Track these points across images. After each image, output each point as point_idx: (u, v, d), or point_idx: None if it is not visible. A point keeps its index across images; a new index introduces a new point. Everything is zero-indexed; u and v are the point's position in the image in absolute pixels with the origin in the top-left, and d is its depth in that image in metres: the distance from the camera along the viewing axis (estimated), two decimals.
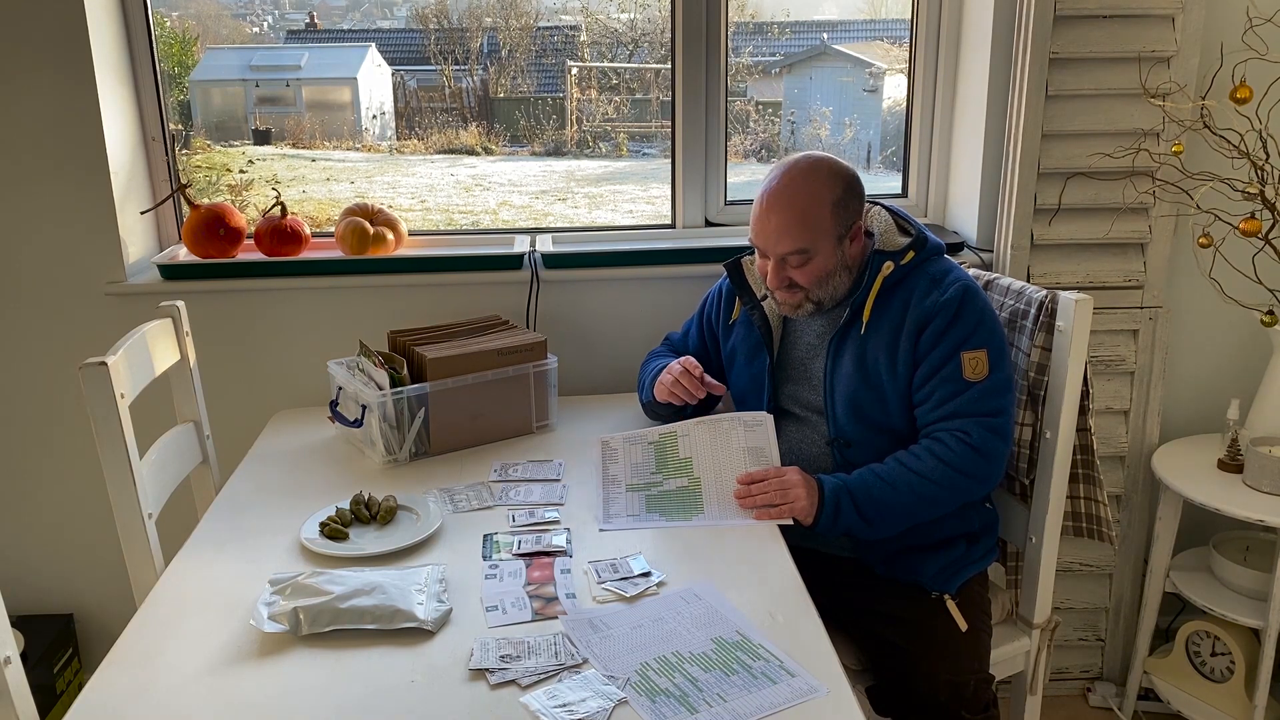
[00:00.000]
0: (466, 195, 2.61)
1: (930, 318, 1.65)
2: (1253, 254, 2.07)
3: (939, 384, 1.64)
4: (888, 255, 1.70)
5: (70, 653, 2.33)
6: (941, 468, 1.61)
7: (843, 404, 1.72)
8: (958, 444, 1.61)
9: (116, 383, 1.55)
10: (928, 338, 1.65)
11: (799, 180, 1.66)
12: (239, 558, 1.52)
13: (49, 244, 2.14)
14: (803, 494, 1.59)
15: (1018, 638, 1.84)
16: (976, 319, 1.65)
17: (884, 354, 1.68)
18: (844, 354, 1.72)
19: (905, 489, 1.61)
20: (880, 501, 1.61)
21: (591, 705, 1.17)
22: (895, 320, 1.68)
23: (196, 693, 1.21)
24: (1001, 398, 1.65)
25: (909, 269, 1.69)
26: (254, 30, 2.64)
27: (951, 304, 1.64)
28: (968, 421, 1.62)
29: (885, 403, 1.69)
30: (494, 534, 1.58)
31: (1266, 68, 2.01)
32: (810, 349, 1.79)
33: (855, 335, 1.71)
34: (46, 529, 2.33)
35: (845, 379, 1.71)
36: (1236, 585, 2.11)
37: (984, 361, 1.63)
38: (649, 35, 2.56)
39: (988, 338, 1.65)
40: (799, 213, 1.64)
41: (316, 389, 2.23)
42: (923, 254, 1.70)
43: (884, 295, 1.69)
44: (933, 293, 1.66)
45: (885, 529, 1.63)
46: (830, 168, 1.67)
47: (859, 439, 1.71)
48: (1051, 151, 2.10)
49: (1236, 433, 2.12)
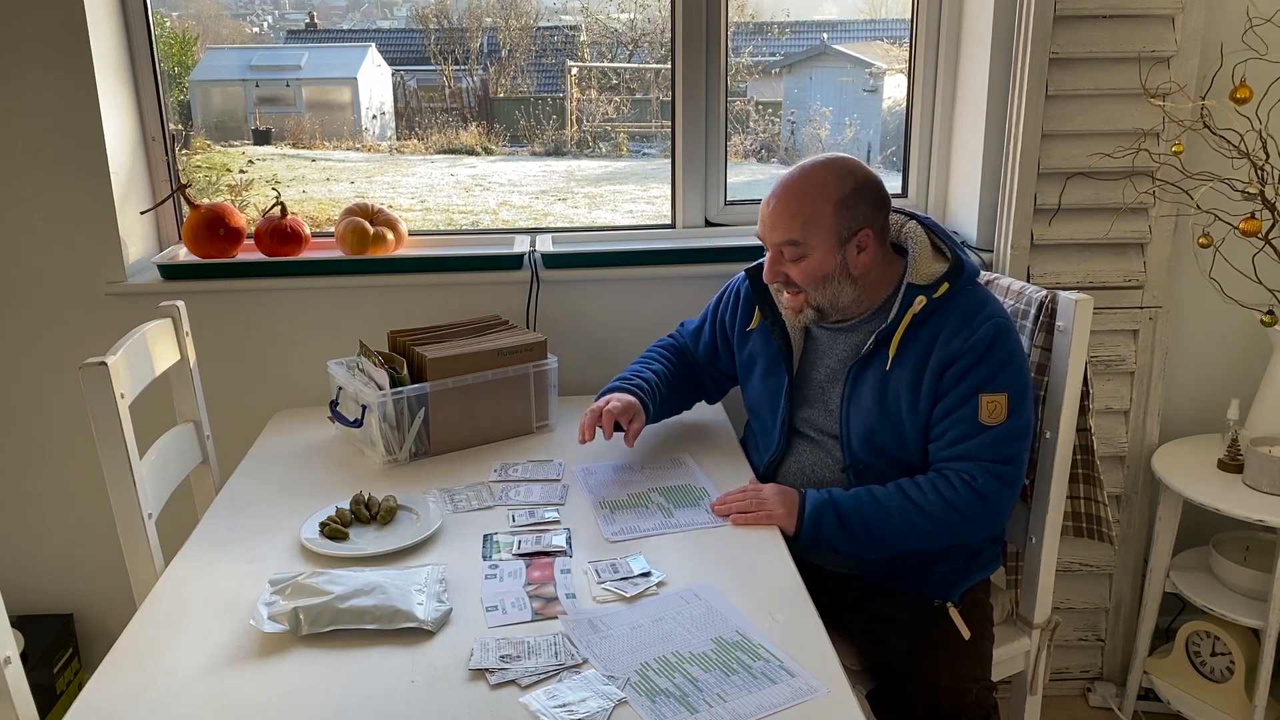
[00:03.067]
0: (466, 195, 2.61)
1: (956, 358, 1.59)
2: (1253, 254, 2.07)
3: (953, 424, 1.60)
4: (920, 289, 1.62)
5: (70, 653, 2.33)
6: (941, 504, 1.58)
7: (857, 434, 1.68)
8: (963, 485, 1.58)
9: (116, 383, 1.55)
10: (951, 376, 1.60)
11: (809, 171, 1.62)
12: (239, 558, 1.52)
13: (49, 244, 2.14)
14: (778, 504, 1.59)
15: (1018, 638, 1.84)
16: (1003, 361, 1.59)
17: (906, 390, 1.63)
18: (864, 384, 1.67)
19: (899, 515, 1.58)
20: (869, 522, 1.58)
21: (591, 705, 1.17)
22: (921, 356, 1.62)
23: (196, 693, 1.21)
24: (1015, 444, 1.60)
25: (940, 303, 1.62)
26: (254, 30, 2.64)
27: (980, 345, 1.58)
28: (976, 466, 1.58)
29: (902, 437, 1.65)
30: (494, 534, 1.58)
31: (1266, 68, 2.01)
32: (831, 373, 1.73)
33: (878, 367, 1.65)
34: (46, 529, 2.33)
35: (863, 410, 1.67)
36: (1236, 585, 2.11)
37: (1003, 406, 1.58)
38: (649, 35, 2.56)
39: (1010, 382, 1.59)
40: (798, 202, 1.60)
41: (316, 389, 2.23)
42: (957, 285, 1.62)
43: (911, 328, 1.63)
44: (961, 332, 1.60)
45: (870, 549, 1.61)
46: (844, 166, 1.62)
47: (874, 467, 1.68)
48: (1051, 151, 2.10)
49: (1236, 433, 2.12)
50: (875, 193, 1.63)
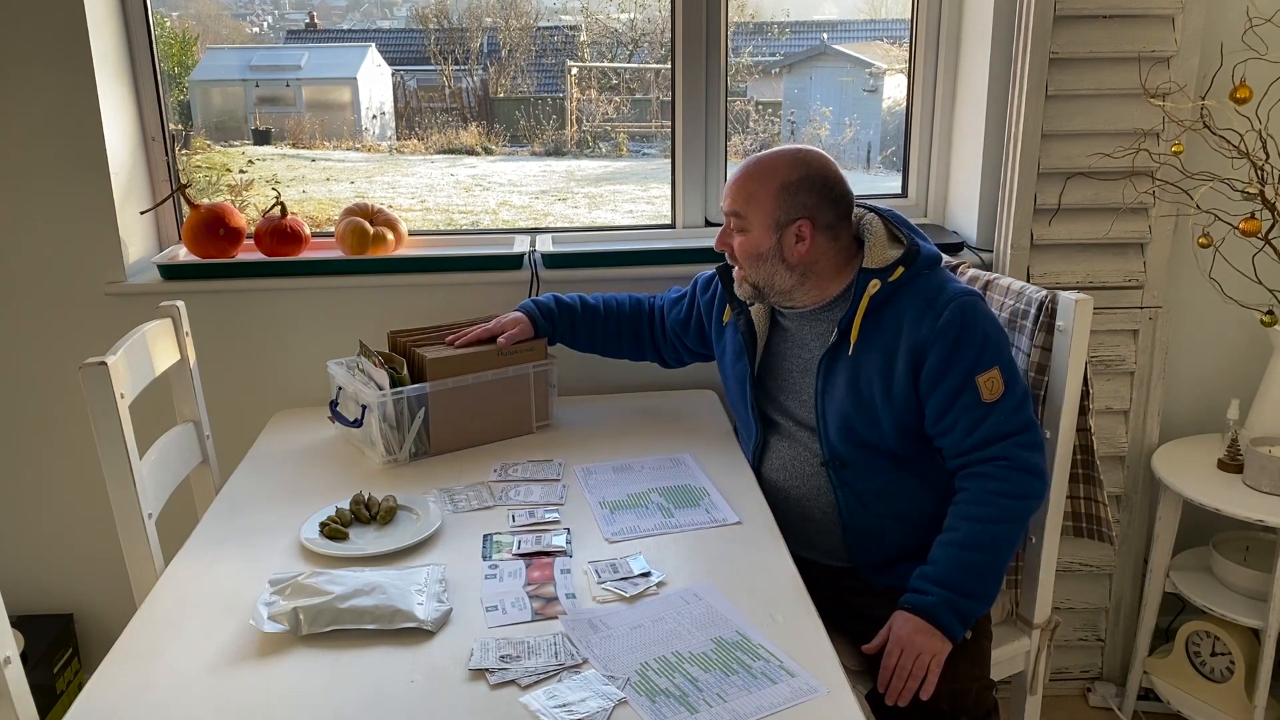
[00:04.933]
0: (466, 195, 2.61)
1: (929, 345, 1.60)
2: (1253, 254, 2.07)
3: (960, 413, 1.60)
4: (874, 273, 1.65)
5: (70, 653, 2.33)
6: (1006, 503, 1.58)
7: (834, 424, 1.69)
8: (1007, 472, 1.58)
9: (116, 383, 1.55)
10: (934, 367, 1.60)
11: (770, 155, 1.68)
12: (239, 558, 1.52)
13: (49, 244, 2.14)
14: (926, 644, 1.51)
15: (1018, 638, 1.84)
16: (980, 338, 1.60)
17: (878, 377, 1.64)
18: (835, 374, 1.69)
19: (989, 542, 1.56)
20: (982, 571, 1.56)
21: (591, 705, 1.17)
22: (888, 343, 1.64)
23: (196, 693, 1.21)
24: (1024, 409, 1.62)
25: (898, 285, 1.64)
26: (254, 30, 2.64)
27: (950, 328, 1.59)
28: (1006, 445, 1.59)
29: (878, 425, 1.66)
30: (494, 534, 1.58)
31: (1266, 68, 2.01)
32: (803, 364, 1.75)
33: (844, 356, 1.67)
34: (46, 529, 2.33)
35: (837, 400, 1.68)
36: (1236, 585, 2.11)
37: (998, 380, 1.59)
38: (649, 35, 2.56)
39: (996, 355, 1.60)
40: (748, 179, 1.67)
41: (316, 389, 2.23)
42: (912, 270, 1.64)
43: (872, 314, 1.64)
44: (926, 315, 1.60)
45: (995, 585, 1.60)
46: (801, 157, 1.66)
47: (854, 459, 1.69)
48: (1051, 151, 2.10)
49: (1236, 433, 2.12)
50: (824, 189, 1.65)
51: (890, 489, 1.70)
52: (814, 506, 1.74)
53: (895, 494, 1.70)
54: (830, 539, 1.74)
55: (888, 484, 1.70)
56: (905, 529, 1.70)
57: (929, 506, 1.68)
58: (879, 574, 1.72)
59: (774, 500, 1.72)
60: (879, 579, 1.72)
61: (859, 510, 1.70)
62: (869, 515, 1.70)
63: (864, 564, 1.73)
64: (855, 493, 1.70)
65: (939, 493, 1.68)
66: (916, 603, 1.54)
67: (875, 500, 1.70)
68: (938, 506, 1.66)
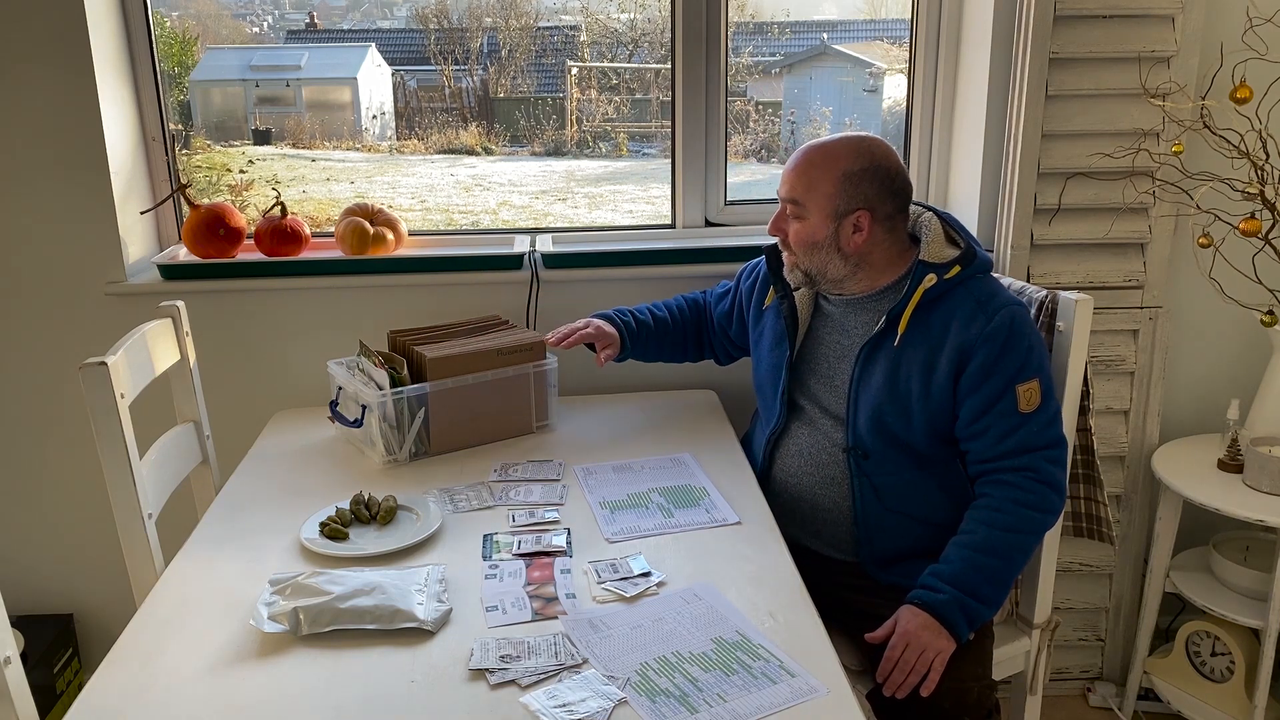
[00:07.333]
0: (466, 195, 2.61)
1: (976, 347, 1.60)
2: (1253, 254, 2.07)
3: (995, 418, 1.61)
4: (931, 267, 1.64)
5: (70, 653, 2.33)
6: (1026, 513, 1.58)
7: (865, 413, 1.69)
8: (1031, 483, 1.59)
9: (116, 383, 1.55)
10: (976, 370, 1.60)
11: (834, 141, 1.67)
12: (239, 558, 1.52)
13: (49, 244, 2.14)
14: (932, 641, 1.52)
15: (1018, 638, 1.84)
16: (1026, 348, 1.60)
17: (918, 371, 1.64)
18: (875, 363, 1.68)
19: (1005, 550, 1.57)
20: (994, 577, 1.57)
21: (591, 705, 1.17)
22: (935, 339, 1.64)
23: (196, 693, 1.21)
24: (1055, 425, 1.63)
25: (952, 284, 1.64)
26: (254, 30, 2.64)
27: (999, 334, 1.59)
28: (1034, 458, 1.60)
29: (909, 419, 1.66)
30: (494, 534, 1.58)
31: (1266, 68, 2.01)
32: (842, 350, 1.74)
33: (889, 346, 1.67)
34: (46, 529, 2.33)
35: (873, 390, 1.68)
36: (1236, 585, 2.11)
37: (1037, 392, 1.60)
38: (649, 35, 2.56)
39: (1039, 367, 1.61)
40: (809, 165, 1.66)
41: (316, 389, 2.23)
42: (968, 270, 1.64)
43: (923, 309, 1.65)
44: (978, 318, 1.61)
45: (1004, 596, 1.61)
46: (865, 147, 1.65)
47: (877, 451, 1.69)
48: (1051, 151, 2.10)
49: (1236, 433, 2.12)
50: (886, 179, 1.65)
51: (908, 487, 1.70)
52: (826, 496, 1.74)
53: (912, 492, 1.70)
54: (839, 530, 1.74)
55: (907, 481, 1.70)
56: (915, 528, 1.70)
57: (942, 510, 1.69)
58: (883, 570, 1.72)
59: (785, 487, 1.72)
60: (883, 575, 1.72)
61: (873, 503, 1.70)
62: (882, 509, 1.70)
63: (869, 558, 1.72)
64: (873, 485, 1.70)
65: (954, 498, 1.68)
66: (926, 599, 1.54)
67: (891, 495, 1.70)
68: (950, 511, 1.66)
